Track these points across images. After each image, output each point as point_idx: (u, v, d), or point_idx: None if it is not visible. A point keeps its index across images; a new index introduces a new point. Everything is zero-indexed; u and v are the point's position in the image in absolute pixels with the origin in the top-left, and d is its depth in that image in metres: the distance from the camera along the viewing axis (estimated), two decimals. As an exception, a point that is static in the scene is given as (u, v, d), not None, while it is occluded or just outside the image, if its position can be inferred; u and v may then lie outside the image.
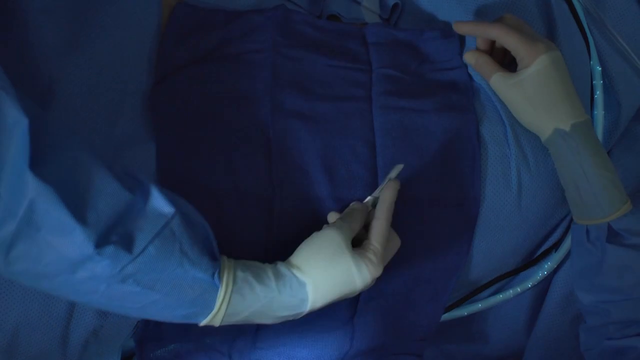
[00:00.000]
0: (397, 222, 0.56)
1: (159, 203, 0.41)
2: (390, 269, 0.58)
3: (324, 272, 0.46)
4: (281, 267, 0.46)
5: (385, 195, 0.51)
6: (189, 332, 0.54)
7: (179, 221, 0.41)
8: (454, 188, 0.57)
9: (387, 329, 0.62)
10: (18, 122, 0.35)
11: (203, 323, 0.44)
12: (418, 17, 0.68)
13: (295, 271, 0.46)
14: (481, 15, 0.63)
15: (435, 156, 0.57)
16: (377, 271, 0.48)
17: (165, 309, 0.42)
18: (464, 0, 0.64)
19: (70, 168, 0.38)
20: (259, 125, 0.54)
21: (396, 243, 0.52)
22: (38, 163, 0.35)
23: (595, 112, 0.64)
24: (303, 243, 0.48)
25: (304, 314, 0.46)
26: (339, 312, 0.59)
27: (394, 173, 0.53)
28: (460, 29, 0.59)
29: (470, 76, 0.63)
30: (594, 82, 0.64)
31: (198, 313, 0.43)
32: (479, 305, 0.67)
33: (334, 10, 0.65)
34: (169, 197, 0.42)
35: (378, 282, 0.58)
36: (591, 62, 0.64)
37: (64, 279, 0.38)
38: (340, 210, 0.54)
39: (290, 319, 0.47)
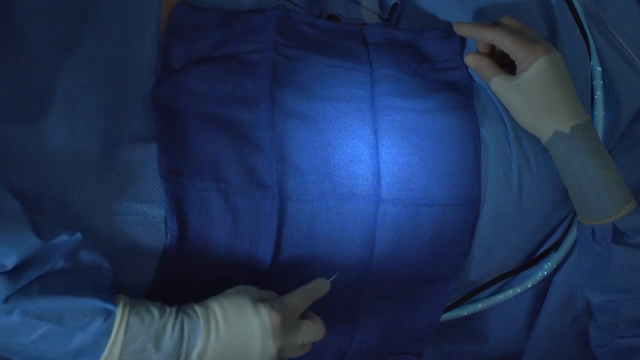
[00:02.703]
0: (398, 223, 0.56)
1: (58, 246, 0.42)
2: (391, 269, 0.58)
3: (217, 303, 0.46)
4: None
5: (316, 283, 0.51)
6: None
7: (70, 258, 0.42)
8: (455, 188, 0.57)
9: (387, 329, 0.62)
10: None
11: (102, 359, 0.41)
12: (418, 17, 0.68)
13: (193, 304, 0.46)
14: (482, 15, 0.63)
15: (435, 156, 0.57)
16: (274, 315, 0.45)
17: (59, 342, 0.40)
18: (465, 0, 0.64)
19: None
20: (259, 126, 0.54)
21: (319, 326, 0.50)
22: None
23: (596, 113, 0.64)
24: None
25: (197, 348, 0.43)
26: (339, 312, 0.59)
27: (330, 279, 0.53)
28: (459, 30, 0.60)
29: (470, 76, 0.63)
30: (594, 82, 0.64)
31: (95, 344, 0.41)
32: (479, 305, 0.67)
33: (333, 10, 0.65)
34: (70, 244, 0.42)
35: (378, 283, 0.58)
36: (591, 63, 0.65)
37: None
38: (342, 210, 0.54)
39: (183, 357, 0.43)
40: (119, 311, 0.42)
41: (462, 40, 0.64)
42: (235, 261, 0.53)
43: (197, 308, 0.45)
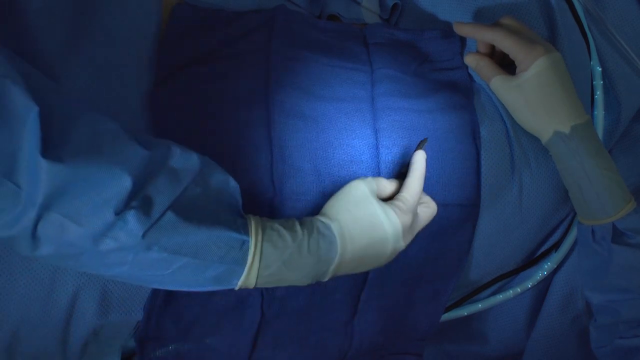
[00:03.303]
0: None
1: (179, 163, 0.41)
2: (391, 269, 0.58)
3: (348, 215, 0.46)
4: (307, 217, 0.47)
5: (417, 157, 0.52)
6: (189, 333, 0.54)
7: (198, 183, 0.41)
8: (455, 188, 0.57)
9: (387, 329, 0.62)
10: (28, 110, 0.35)
11: (239, 285, 0.43)
12: (418, 17, 0.68)
13: (320, 217, 0.46)
14: (482, 15, 0.64)
15: (435, 156, 0.57)
16: (406, 219, 0.47)
17: (195, 272, 0.41)
18: (465, 0, 0.64)
19: (86, 142, 0.37)
20: (259, 126, 0.54)
21: (432, 206, 0.52)
22: (53, 146, 0.36)
23: (596, 113, 0.64)
24: (330, 197, 0.49)
25: (335, 261, 0.45)
26: (339, 312, 0.59)
27: (421, 145, 0.53)
28: (459, 30, 0.60)
29: (470, 76, 0.63)
30: (594, 82, 0.64)
31: (230, 274, 0.42)
32: (479, 305, 0.67)
33: (333, 11, 0.65)
34: (188, 156, 0.42)
35: (379, 282, 0.58)
36: (591, 63, 0.65)
37: (90, 255, 0.38)
38: None
39: (320, 274, 0.45)
40: (252, 240, 0.42)
41: (462, 40, 0.64)
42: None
43: (331, 225, 0.45)
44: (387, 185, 0.50)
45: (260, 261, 0.42)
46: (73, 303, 0.48)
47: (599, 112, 0.64)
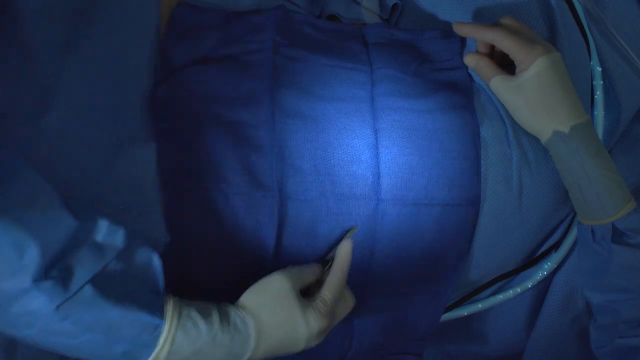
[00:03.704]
0: (398, 223, 0.56)
1: (105, 238, 0.41)
2: (391, 269, 0.58)
3: (268, 313, 0.46)
4: (226, 306, 0.46)
5: (342, 251, 0.52)
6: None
7: (122, 258, 0.41)
8: (455, 188, 0.57)
9: (387, 329, 0.62)
10: None
11: None
12: (418, 17, 0.68)
13: (239, 310, 0.46)
14: (482, 15, 0.63)
15: (435, 156, 0.57)
16: (324, 322, 0.48)
17: (104, 347, 0.41)
18: (465, 0, 0.64)
19: (20, 200, 0.37)
20: (258, 126, 0.54)
21: (349, 301, 0.52)
22: None
23: (596, 113, 0.64)
24: (252, 286, 0.48)
25: (246, 356, 0.45)
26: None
27: (348, 234, 0.54)
28: (459, 30, 0.60)
29: (470, 76, 0.63)
30: (594, 82, 0.64)
31: (139, 353, 0.41)
32: (479, 305, 0.67)
33: (333, 11, 0.65)
34: (116, 234, 0.41)
35: (379, 282, 0.58)
36: (591, 63, 0.65)
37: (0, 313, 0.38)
38: (342, 210, 0.54)
39: None
40: (165, 326, 0.42)
41: (462, 40, 0.64)
42: (235, 260, 0.53)
43: (250, 323, 0.45)
44: (310, 276, 0.51)
45: (170, 346, 0.42)
46: None
47: (599, 112, 0.64)
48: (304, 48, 0.59)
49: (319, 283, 0.52)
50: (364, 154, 0.56)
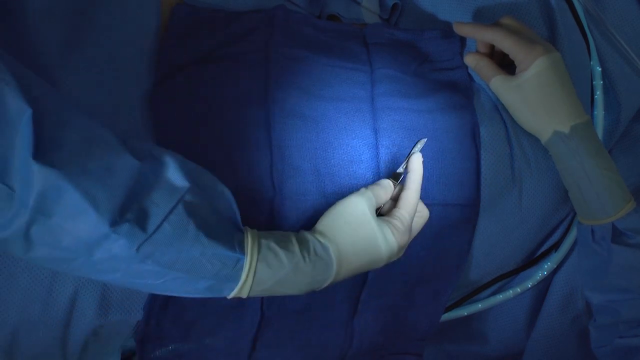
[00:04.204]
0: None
1: (174, 175, 0.41)
2: (391, 269, 0.58)
3: (347, 237, 0.46)
4: (304, 234, 0.46)
5: (414, 165, 0.51)
6: (189, 333, 0.54)
7: (195, 195, 0.41)
8: (454, 188, 0.57)
9: (387, 329, 0.62)
10: (21, 113, 0.35)
11: (230, 296, 0.43)
12: (418, 17, 0.68)
13: (318, 236, 0.46)
14: (482, 15, 0.64)
15: (435, 156, 0.57)
16: (403, 239, 0.48)
17: (187, 284, 0.41)
18: (465, 0, 0.64)
19: (78, 148, 0.37)
20: (259, 126, 0.54)
21: (424, 215, 0.52)
22: (45, 150, 0.35)
23: (595, 113, 0.64)
24: (327, 210, 0.48)
25: (328, 281, 0.46)
26: (339, 312, 0.59)
27: (418, 147, 0.53)
28: (459, 30, 0.60)
29: (470, 76, 0.63)
30: (594, 82, 0.64)
31: (222, 286, 0.42)
32: (479, 305, 0.67)
33: (333, 11, 0.65)
34: (186, 168, 0.42)
35: (379, 282, 0.58)
36: (591, 63, 0.65)
37: (83, 261, 0.38)
38: None
39: (316, 287, 0.46)
40: (247, 259, 0.42)
41: (462, 40, 0.64)
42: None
43: (329, 247, 0.45)
44: (384, 195, 0.50)
45: (253, 279, 0.42)
46: (73, 303, 0.48)
47: (599, 112, 0.64)
48: (304, 48, 0.59)
49: (393, 198, 0.52)
50: (364, 154, 0.56)
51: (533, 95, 0.55)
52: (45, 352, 0.49)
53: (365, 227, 0.46)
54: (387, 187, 0.51)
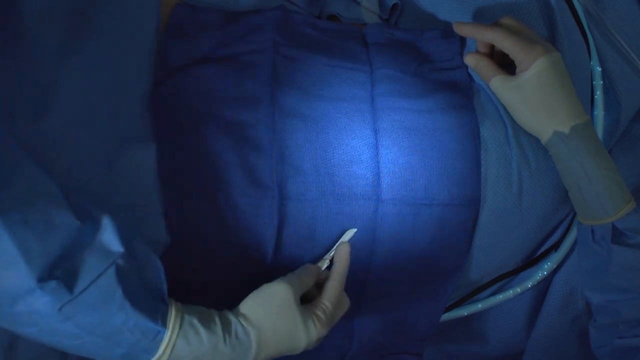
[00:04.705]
0: (398, 223, 0.56)
1: (109, 239, 0.41)
2: (391, 269, 0.58)
3: (270, 324, 0.46)
4: (228, 315, 0.46)
5: (340, 256, 0.52)
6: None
7: (127, 261, 0.41)
8: (455, 188, 0.57)
9: (387, 329, 0.62)
10: None
11: None
12: (418, 17, 0.68)
13: (241, 320, 0.46)
14: (482, 15, 0.63)
15: (435, 156, 0.57)
16: (323, 330, 0.49)
17: (103, 349, 0.41)
18: (465, 0, 0.64)
19: (22, 197, 0.37)
20: (258, 126, 0.54)
21: (345, 304, 0.53)
22: None
23: (595, 113, 0.64)
24: (254, 292, 0.48)
25: None
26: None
27: (346, 237, 0.54)
28: (459, 30, 0.60)
29: (470, 76, 0.63)
30: (594, 82, 0.64)
31: (138, 357, 0.42)
32: (479, 305, 0.67)
33: (333, 11, 0.65)
34: (122, 233, 0.41)
35: (378, 283, 0.58)
36: (591, 63, 0.65)
37: (3, 312, 0.38)
38: (342, 210, 0.54)
39: None
40: (167, 334, 0.42)
41: (462, 40, 0.64)
42: (235, 261, 0.53)
43: (251, 333, 0.45)
44: (309, 282, 0.51)
45: (170, 354, 0.42)
46: None
47: (599, 112, 0.64)
48: (304, 48, 0.59)
49: (316, 284, 0.52)
50: (364, 154, 0.56)
51: (533, 96, 0.55)
52: (45, 353, 0.49)
53: (288, 317, 0.47)
54: (312, 273, 0.52)
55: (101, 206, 0.44)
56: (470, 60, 0.60)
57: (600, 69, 0.64)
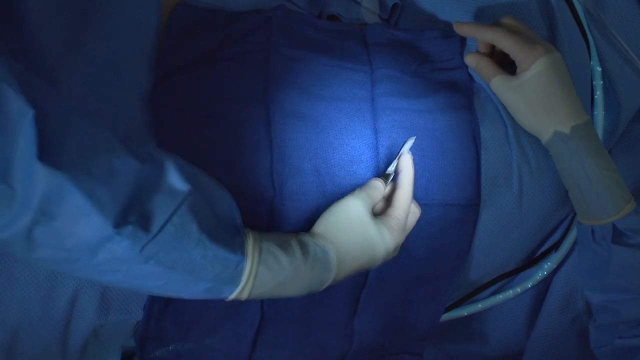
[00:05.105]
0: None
1: (175, 179, 0.41)
2: (391, 269, 0.58)
3: (346, 239, 0.46)
4: (304, 236, 0.47)
5: (405, 165, 0.52)
6: (189, 333, 0.54)
7: (196, 198, 0.41)
8: (455, 188, 0.57)
9: (387, 329, 0.62)
10: (23, 114, 0.35)
11: (230, 297, 0.44)
12: (418, 17, 0.68)
13: (318, 240, 0.46)
14: (482, 15, 0.63)
15: (435, 156, 0.57)
16: (399, 238, 0.49)
17: (188, 285, 0.42)
18: (465, 0, 0.64)
19: (81, 150, 0.37)
20: (259, 126, 0.54)
21: (416, 213, 0.53)
22: (48, 151, 0.35)
23: (595, 113, 0.64)
24: (325, 212, 0.49)
25: (327, 283, 0.47)
26: (339, 312, 0.59)
27: (407, 146, 0.54)
28: (459, 30, 0.60)
29: (470, 76, 0.63)
30: (594, 82, 0.64)
31: (222, 288, 0.43)
32: (479, 305, 0.67)
33: (333, 11, 0.65)
34: (185, 172, 0.42)
35: (378, 282, 0.58)
36: (591, 63, 0.65)
37: (85, 262, 0.38)
38: None
39: (315, 289, 0.47)
40: (247, 262, 0.42)
41: (462, 40, 0.64)
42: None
43: (329, 251, 0.46)
44: (377, 195, 0.51)
45: (254, 282, 0.43)
46: (73, 303, 0.48)
47: (599, 112, 0.64)
48: (304, 48, 0.59)
49: (385, 198, 0.53)
50: (364, 154, 0.56)
51: (533, 96, 0.55)
52: (45, 352, 0.49)
53: (363, 229, 0.47)
54: (379, 188, 0.52)
55: None
56: (470, 60, 0.60)
57: (600, 69, 0.64)
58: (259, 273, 0.43)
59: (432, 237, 0.58)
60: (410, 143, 0.54)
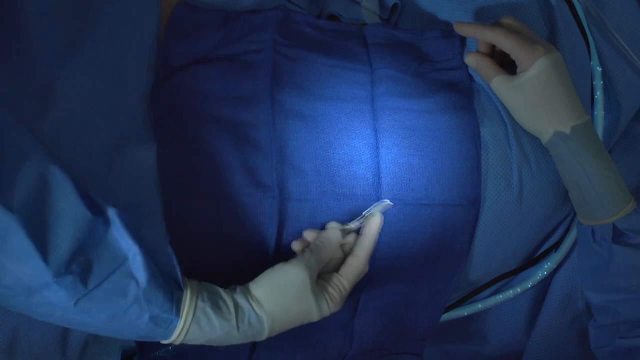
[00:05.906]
0: (398, 223, 0.56)
1: (119, 234, 0.41)
2: (391, 269, 0.58)
3: (283, 307, 0.46)
4: (242, 299, 0.46)
5: (370, 229, 0.51)
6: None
7: (138, 257, 0.41)
8: (455, 188, 0.57)
9: (387, 329, 0.62)
10: None
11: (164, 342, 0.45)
12: (418, 17, 0.68)
13: (255, 306, 0.46)
14: (482, 15, 0.64)
15: (436, 156, 0.57)
16: (336, 309, 0.49)
17: (121, 334, 0.43)
18: (465, 0, 0.64)
19: (32, 190, 0.37)
20: (259, 126, 0.54)
21: (363, 274, 0.52)
22: (1, 187, 0.35)
23: (595, 113, 0.64)
24: (267, 272, 0.48)
25: (258, 341, 0.48)
26: (339, 313, 0.59)
27: (380, 207, 0.52)
28: (460, 29, 0.60)
29: (470, 76, 0.63)
30: (594, 82, 0.64)
31: (154, 338, 0.44)
32: (479, 305, 0.67)
33: (333, 11, 0.65)
34: (130, 226, 0.42)
35: (379, 282, 0.58)
36: (591, 63, 0.65)
37: (21, 300, 0.39)
38: (343, 210, 0.54)
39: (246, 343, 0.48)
40: (180, 322, 0.43)
41: (462, 40, 0.64)
42: (235, 261, 0.53)
43: (264, 320, 0.46)
44: (328, 254, 0.50)
45: (184, 337, 0.44)
46: None
47: (599, 112, 0.64)
48: (304, 48, 0.59)
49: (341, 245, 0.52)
50: (364, 154, 0.56)
51: (534, 96, 0.55)
52: (45, 353, 0.49)
53: (302, 300, 0.47)
54: (333, 245, 0.50)
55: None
56: (470, 60, 0.60)
57: (600, 69, 0.64)
58: (190, 331, 0.44)
59: (432, 237, 0.58)
60: (384, 205, 0.52)
